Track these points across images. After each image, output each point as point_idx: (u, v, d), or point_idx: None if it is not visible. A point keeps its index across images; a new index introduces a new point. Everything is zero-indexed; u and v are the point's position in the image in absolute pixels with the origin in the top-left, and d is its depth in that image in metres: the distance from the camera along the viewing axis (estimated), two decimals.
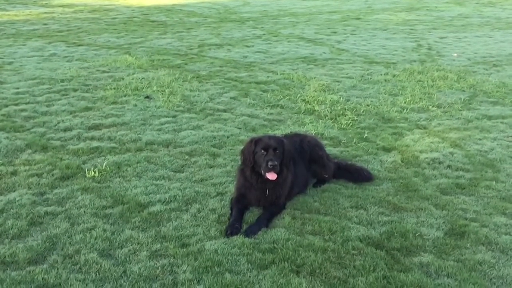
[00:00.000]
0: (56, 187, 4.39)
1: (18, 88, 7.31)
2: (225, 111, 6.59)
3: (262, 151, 3.95)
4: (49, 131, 5.72)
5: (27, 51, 9.84)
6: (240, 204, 4.04)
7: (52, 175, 4.61)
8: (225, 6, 17.42)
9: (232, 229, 3.75)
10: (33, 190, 4.31)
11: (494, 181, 4.73)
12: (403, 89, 7.75)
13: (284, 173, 4.03)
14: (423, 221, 4.01)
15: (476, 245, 3.70)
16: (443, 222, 4.00)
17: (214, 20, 14.41)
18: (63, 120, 6.04)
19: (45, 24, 13.02)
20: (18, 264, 3.32)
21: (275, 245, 3.60)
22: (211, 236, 3.70)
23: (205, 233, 3.73)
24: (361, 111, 6.69)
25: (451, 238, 3.78)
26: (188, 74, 8.32)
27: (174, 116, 6.31)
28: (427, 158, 5.23)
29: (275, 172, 3.90)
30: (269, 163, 3.86)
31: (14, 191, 4.30)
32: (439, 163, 5.13)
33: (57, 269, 3.28)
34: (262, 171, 3.93)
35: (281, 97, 7.20)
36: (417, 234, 3.79)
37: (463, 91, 7.74)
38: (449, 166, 5.06)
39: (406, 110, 6.77)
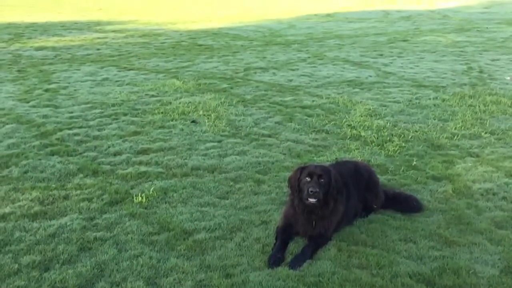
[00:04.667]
0: (105, 212, 4.51)
1: (72, 113, 7.62)
2: (270, 136, 6.60)
3: (307, 178, 3.91)
4: (100, 155, 5.91)
5: (81, 75, 10.27)
6: (285, 234, 4.00)
7: (102, 199, 4.73)
8: (270, 29, 17.63)
9: (274, 259, 3.74)
10: (83, 215, 4.44)
11: None
12: (454, 114, 7.52)
13: (331, 205, 3.95)
14: (477, 257, 3.82)
15: None
16: (499, 259, 3.80)
17: (259, 43, 14.58)
18: (113, 144, 6.23)
19: (98, 49, 13.59)
20: None
21: (321, 278, 3.53)
22: (255, 267, 3.67)
23: (250, 264, 3.71)
24: (409, 137, 6.52)
25: (508, 277, 3.58)
26: (234, 98, 8.42)
27: (219, 141, 6.37)
28: (480, 188, 5.01)
29: (316, 199, 3.84)
30: (310, 189, 3.82)
31: (65, 215, 4.44)
32: (494, 194, 4.90)
33: None
34: (304, 198, 3.88)
35: (326, 122, 7.14)
36: (470, 272, 3.61)
37: None
38: (504, 198, 4.82)
39: (457, 136, 6.55)
